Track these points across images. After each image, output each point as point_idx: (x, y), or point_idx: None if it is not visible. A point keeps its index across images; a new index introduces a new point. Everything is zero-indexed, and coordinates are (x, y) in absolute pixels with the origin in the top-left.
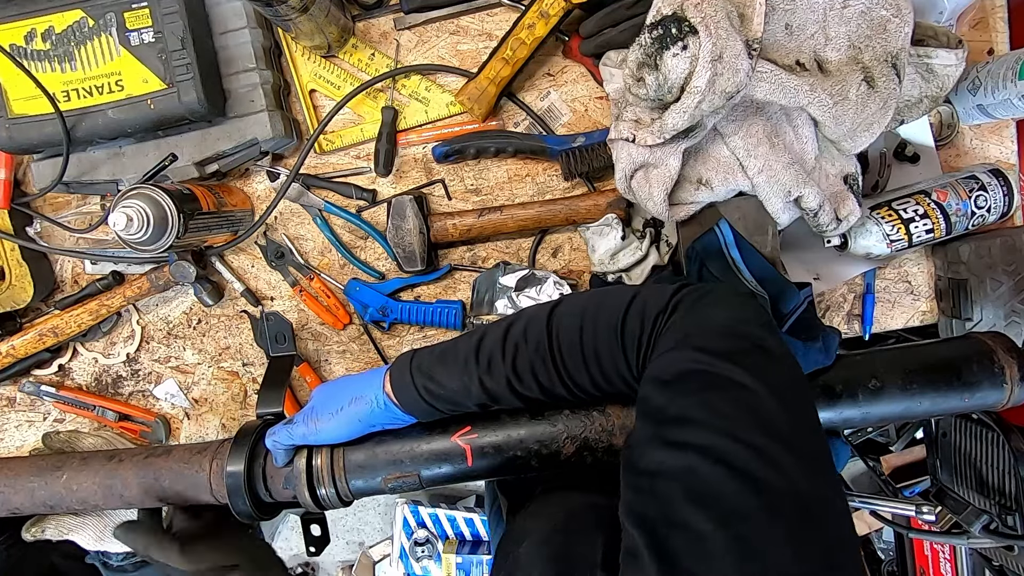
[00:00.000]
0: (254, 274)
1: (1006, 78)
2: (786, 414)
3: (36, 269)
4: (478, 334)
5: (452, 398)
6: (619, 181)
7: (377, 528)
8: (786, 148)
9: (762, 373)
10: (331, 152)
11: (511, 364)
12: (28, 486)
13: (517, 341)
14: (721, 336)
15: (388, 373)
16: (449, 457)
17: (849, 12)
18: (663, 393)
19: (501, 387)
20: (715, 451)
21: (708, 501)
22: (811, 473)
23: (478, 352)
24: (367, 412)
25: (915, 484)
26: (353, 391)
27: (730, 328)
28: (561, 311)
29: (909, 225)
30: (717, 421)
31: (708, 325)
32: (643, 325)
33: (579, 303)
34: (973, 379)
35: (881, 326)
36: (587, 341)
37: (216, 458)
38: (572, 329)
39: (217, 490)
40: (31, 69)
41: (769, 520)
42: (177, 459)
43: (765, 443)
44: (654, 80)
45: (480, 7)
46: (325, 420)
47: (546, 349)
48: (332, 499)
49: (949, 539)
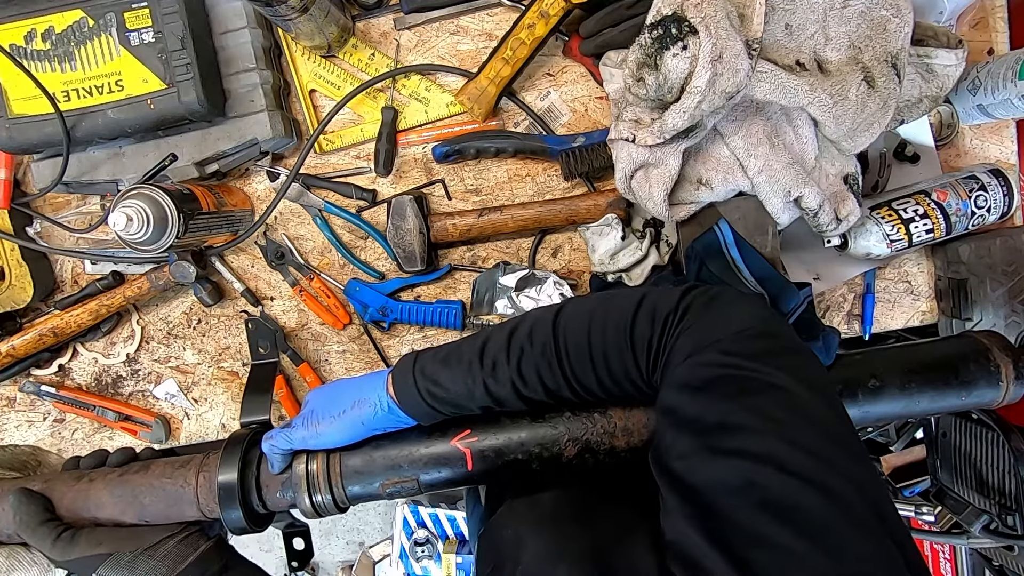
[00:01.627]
0: (254, 274)
1: (1006, 78)
2: (829, 410)
3: (36, 269)
4: (482, 337)
5: (455, 401)
6: (619, 181)
7: (377, 528)
8: (786, 148)
9: (797, 372)
10: (331, 152)
11: (516, 367)
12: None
13: (522, 343)
14: (746, 338)
15: (391, 375)
16: (449, 461)
17: (849, 12)
18: (697, 400)
19: (506, 390)
20: (775, 458)
21: (786, 514)
22: (861, 464)
23: (482, 355)
24: (370, 415)
25: (915, 484)
26: (355, 394)
27: (753, 329)
28: (567, 313)
29: (909, 225)
30: (767, 425)
31: (729, 327)
32: (653, 327)
33: (586, 306)
34: (970, 378)
35: (881, 326)
36: (595, 343)
37: (203, 470)
38: (579, 331)
39: (205, 504)
40: (31, 69)
41: (847, 523)
42: (157, 475)
43: (820, 444)
44: (654, 80)
45: (480, 7)
46: (326, 424)
47: (552, 352)
48: (328, 506)
49: (949, 539)
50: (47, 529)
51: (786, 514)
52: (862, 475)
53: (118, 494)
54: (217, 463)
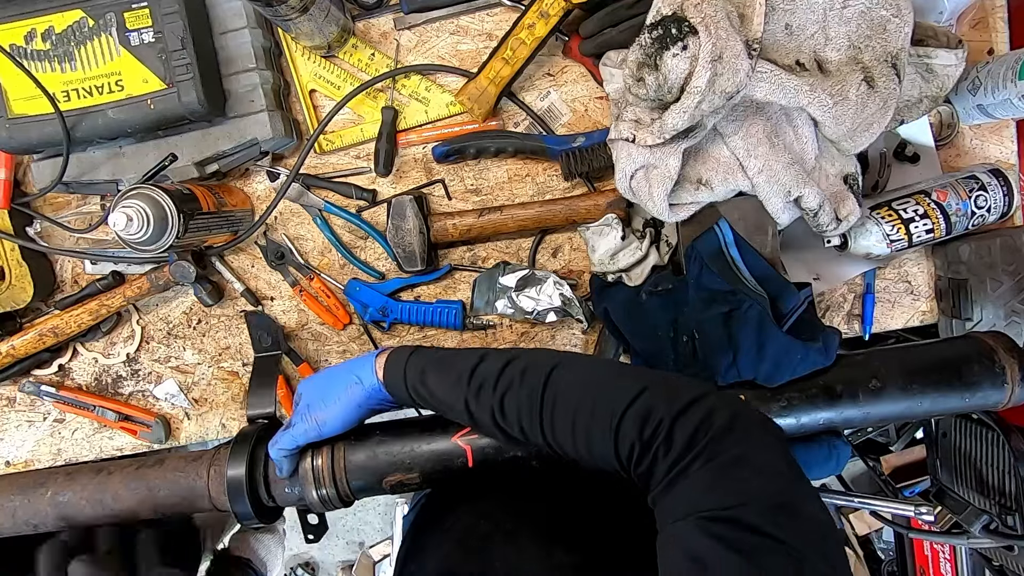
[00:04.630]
0: (254, 274)
1: (1006, 78)
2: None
3: (36, 269)
4: (479, 354)
5: (437, 407)
6: (619, 181)
7: (377, 528)
8: (786, 148)
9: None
10: (331, 152)
11: (500, 398)
12: (8, 505)
13: (512, 379)
14: (757, 512)
15: (385, 360)
16: (450, 457)
17: (849, 12)
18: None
19: (485, 415)
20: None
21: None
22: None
23: (472, 373)
24: (364, 395)
25: (915, 484)
26: (346, 378)
27: (766, 499)
28: (565, 368)
29: (909, 225)
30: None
31: (739, 495)
32: (642, 431)
33: (586, 372)
34: (974, 379)
35: (881, 326)
36: (580, 419)
37: (214, 464)
38: (569, 397)
39: (216, 497)
40: (31, 69)
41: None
42: (171, 468)
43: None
44: (654, 80)
45: (480, 7)
46: (324, 412)
47: (538, 401)
48: (333, 499)
49: (949, 539)
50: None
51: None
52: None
53: (133, 487)
54: (227, 458)
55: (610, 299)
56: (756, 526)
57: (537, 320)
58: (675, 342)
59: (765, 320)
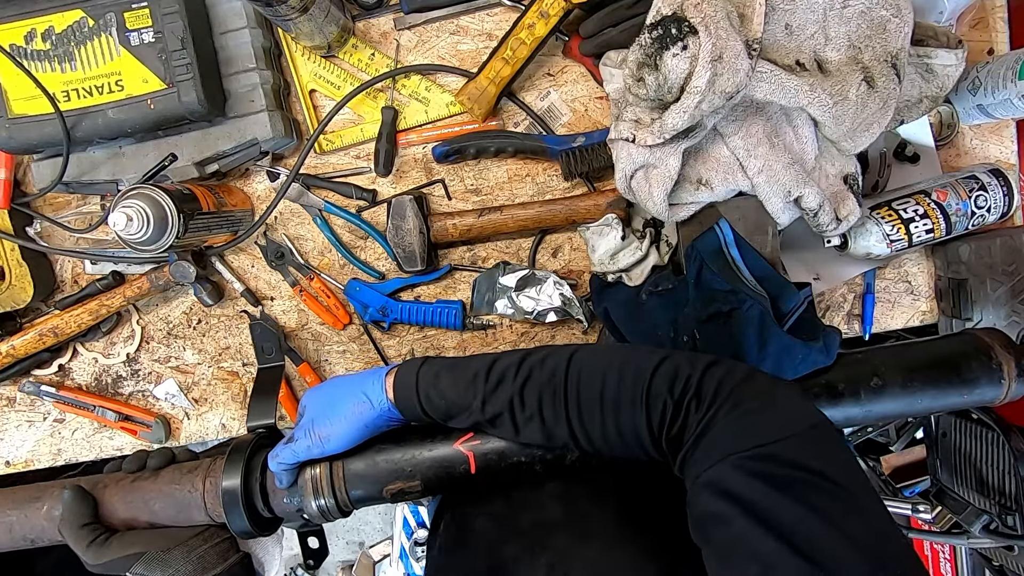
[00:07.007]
0: (254, 274)
1: (1006, 78)
2: (878, 505)
3: (36, 269)
4: (494, 355)
5: (448, 411)
6: (619, 181)
7: (377, 528)
8: (786, 148)
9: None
10: (331, 152)
11: (520, 386)
12: (5, 520)
13: (532, 366)
14: (796, 447)
15: (394, 377)
16: (452, 464)
17: (849, 12)
18: (771, 497)
19: (503, 409)
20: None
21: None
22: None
23: (490, 370)
24: (372, 416)
25: (915, 484)
26: (353, 395)
27: (802, 434)
28: (584, 352)
29: (909, 225)
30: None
31: (773, 433)
32: (673, 386)
33: (603, 351)
34: (971, 376)
35: (881, 326)
36: (609, 387)
37: (209, 475)
38: (594, 371)
39: (212, 508)
40: (31, 69)
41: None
42: (167, 481)
43: (876, 539)
44: (654, 80)
45: (480, 7)
46: (328, 430)
47: (562, 379)
48: (332, 510)
49: (949, 539)
50: (86, 532)
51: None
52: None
53: (129, 500)
54: (222, 469)
55: (610, 299)
56: (795, 460)
57: (537, 320)
58: (675, 342)
59: (766, 320)
